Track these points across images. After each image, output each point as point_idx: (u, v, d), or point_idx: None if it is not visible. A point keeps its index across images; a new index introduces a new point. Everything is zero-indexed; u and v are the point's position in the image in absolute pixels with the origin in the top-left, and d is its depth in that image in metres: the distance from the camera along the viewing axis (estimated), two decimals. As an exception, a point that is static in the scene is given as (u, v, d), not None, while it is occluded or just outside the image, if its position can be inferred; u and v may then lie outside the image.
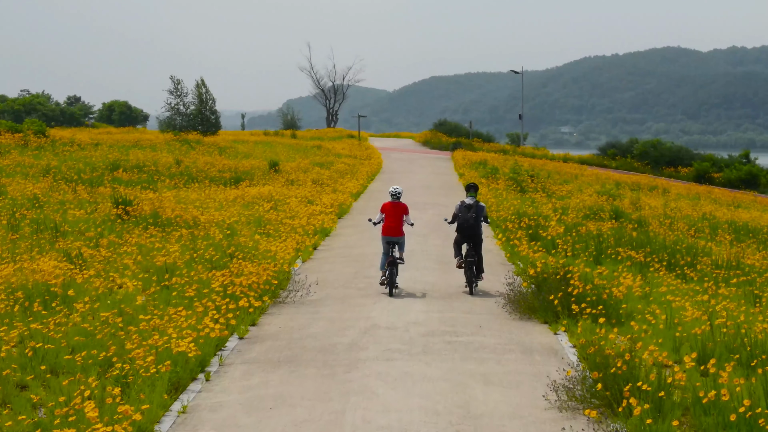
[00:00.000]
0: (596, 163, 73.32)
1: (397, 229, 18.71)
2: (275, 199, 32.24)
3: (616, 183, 52.92)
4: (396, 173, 52.82)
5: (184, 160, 45.53)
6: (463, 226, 18.88)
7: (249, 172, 43.77)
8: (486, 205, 32.24)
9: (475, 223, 18.83)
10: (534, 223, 27.32)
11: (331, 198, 32.92)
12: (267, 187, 36.88)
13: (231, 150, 56.40)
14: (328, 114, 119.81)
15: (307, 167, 49.32)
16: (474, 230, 18.84)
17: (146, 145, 52.57)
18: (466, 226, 18.83)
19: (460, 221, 18.93)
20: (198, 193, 34.06)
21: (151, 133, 61.60)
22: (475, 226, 18.84)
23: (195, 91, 72.57)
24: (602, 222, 31.40)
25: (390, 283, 17.96)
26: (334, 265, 21.97)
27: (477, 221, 18.85)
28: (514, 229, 25.79)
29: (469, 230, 18.83)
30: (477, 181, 42.51)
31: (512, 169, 46.88)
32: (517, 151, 76.48)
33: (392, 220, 18.73)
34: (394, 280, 18.07)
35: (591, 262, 22.09)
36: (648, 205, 39.79)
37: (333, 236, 27.07)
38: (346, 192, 37.49)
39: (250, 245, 22.27)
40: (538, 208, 33.59)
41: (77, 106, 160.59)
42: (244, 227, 25.98)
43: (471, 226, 18.81)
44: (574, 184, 50.74)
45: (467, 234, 18.89)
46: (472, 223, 18.80)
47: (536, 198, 37.92)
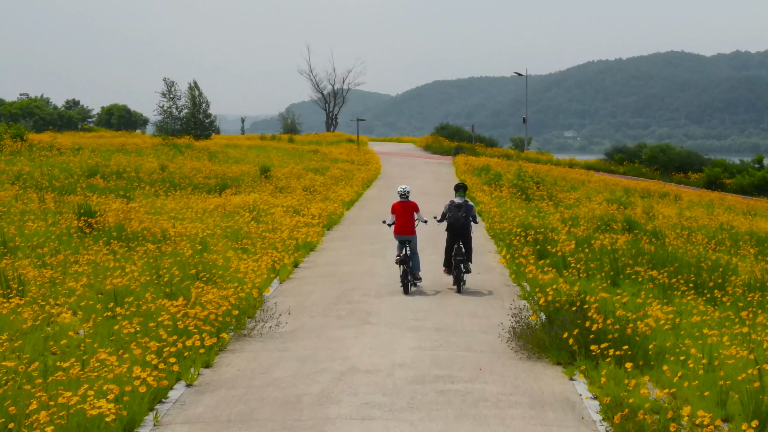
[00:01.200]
0: (603, 169, 70.57)
1: (408, 227, 18.89)
2: (259, 209, 29.53)
3: (626, 190, 50.21)
4: (394, 179, 50.07)
5: (170, 165, 42.84)
6: (454, 225, 19.05)
7: (237, 178, 41.06)
8: (489, 215, 29.59)
9: (465, 222, 19.06)
10: (541, 236, 24.63)
11: (320, 207, 30.17)
12: (253, 195, 34.18)
13: (222, 155, 53.70)
14: (328, 118, 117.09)
15: (300, 173, 46.63)
16: (464, 229, 19.07)
17: (132, 150, 49.86)
18: (457, 225, 19.01)
19: (451, 220, 19.11)
20: (177, 202, 31.38)
21: (138, 137, 58.96)
22: (465, 225, 19.07)
23: (188, 93, 69.97)
24: (615, 234, 28.72)
25: (404, 282, 18.32)
26: (314, 286, 19.23)
27: (467, 220, 19.08)
28: (520, 245, 23.06)
29: (460, 229, 19.02)
30: (479, 189, 39.84)
31: (516, 175, 44.15)
32: (520, 156, 73.70)
33: (403, 219, 18.92)
34: (408, 279, 18.41)
35: (608, 284, 19.37)
36: (661, 214, 37.08)
37: (318, 251, 24.33)
38: (338, 200, 34.77)
39: (220, 263, 19.58)
40: (545, 218, 30.90)
41: (76, 110, 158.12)
42: (219, 241, 23.28)
43: (461, 225, 19.02)
44: (581, 190, 48.01)
45: (457, 233, 19.07)
46: (463, 222, 19.02)
47: (542, 207, 35.20)
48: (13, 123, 61.54)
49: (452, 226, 19.12)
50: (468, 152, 72.94)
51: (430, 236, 26.77)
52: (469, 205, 19.28)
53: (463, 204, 19.15)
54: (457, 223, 19.02)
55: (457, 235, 19.09)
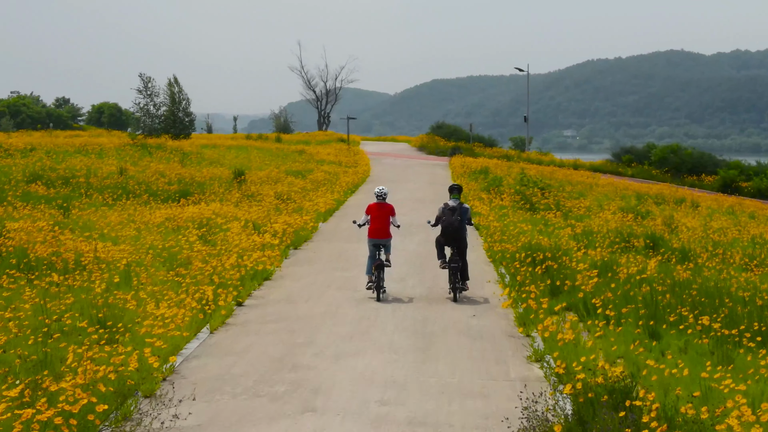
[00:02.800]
0: (610, 171, 65.56)
1: (383, 231, 17.96)
2: (212, 224, 24.59)
3: (638, 195, 45.28)
4: (383, 183, 45.06)
5: (130, 169, 37.87)
6: (448, 229, 17.85)
7: (203, 184, 36.12)
8: (489, 231, 24.78)
9: (460, 226, 17.85)
10: (553, 262, 19.73)
11: (286, 222, 25.13)
12: (214, 204, 29.23)
13: (196, 156, 48.68)
14: (320, 117, 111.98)
15: (278, 177, 41.67)
16: (458, 233, 17.87)
17: (93, 151, 44.80)
18: (451, 229, 17.82)
19: (444, 224, 17.92)
20: (121, 214, 26.44)
21: (106, 137, 53.94)
22: (459, 229, 17.85)
23: (167, 90, 64.92)
24: (638, 254, 23.82)
25: (377, 287, 17.17)
26: (254, 338, 14.23)
27: (461, 224, 17.88)
28: (527, 274, 18.10)
29: (454, 233, 17.83)
30: (477, 196, 34.91)
31: (519, 179, 39.15)
32: (521, 157, 68.70)
33: (378, 221, 17.99)
34: (381, 284, 17.24)
35: (646, 335, 14.42)
36: (684, 226, 32.16)
37: (275, 281, 19.30)
38: (313, 211, 29.77)
39: (129, 310, 14.64)
40: (554, 234, 25.95)
41: (66, 108, 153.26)
42: (151, 267, 18.37)
43: (456, 230, 17.82)
44: (590, 196, 43.09)
45: (452, 237, 17.89)
46: (457, 227, 17.81)
47: (549, 218, 30.26)
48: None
49: (446, 230, 17.86)
50: (465, 153, 67.96)
51: (415, 258, 21.86)
52: (464, 208, 17.97)
53: (458, 207, 17.87)
54: (451, 227, 17.76)
55: (452, 240, 17.86)
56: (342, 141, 77.79)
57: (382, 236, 17.96)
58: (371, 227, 18.04)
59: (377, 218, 18.04)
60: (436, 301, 17.18)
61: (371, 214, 18.17)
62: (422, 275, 19.75)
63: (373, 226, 18.03)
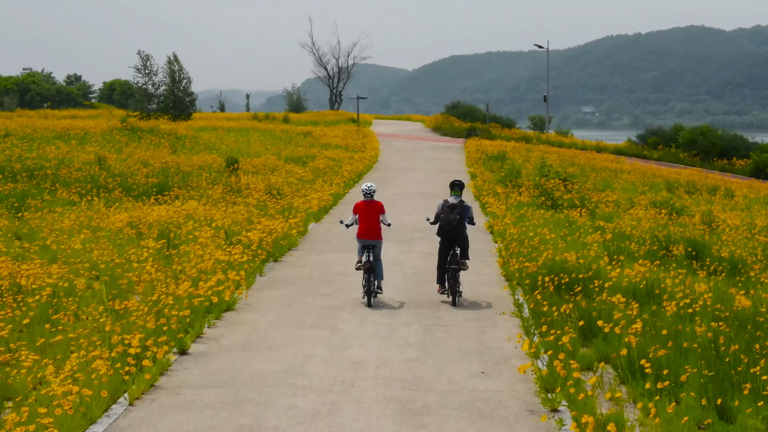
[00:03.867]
0: (635, 154, 61.28)
1: (373, 231, 16.58)
2: (181, 229, 20.81)
3: (667, 183, 41.20)
4: (390, 171, 41.18)
5: (110, 158, 34.10)
6: (446, 228, 16.60)
7: (190, 174, 32.35)
8: (504, 239, 21.00)
9: (459, 226, 16.56)
10: (581, 286, 15.88)
11: (266, 227, 21.23)
12: (191, 203, 25.43)
13: (191, 140, 44.88)
14: (332, 95, 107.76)
15: (275, 164, 37.84)
16: (458, 233, 16.58)
17: (76, 136, 40.99)
18: (449, 228, 16.56)
19: (443, 223, 16.66)
20: (79, 216, 22.69)
21: (92, 120, 50.09)
22: (458, 229, 16.56)
23: (166, 68, 61.08)
24: (679, 266, 19.92)
25: (368, 292, 15.91)
26: (183, 417, 10.40)
27: (461, 223, 16.60)
28: (550, 311, 14.21)
29: (453, 233, 16.56)
30: (492, 190, 30.98)
31: (539, 169, 35.10)
32: (541, 139, 64.55)
33: (368, 221, 16.62)
34: (372, 289, 15.97)
35: (713, 419, 10.54)
36: (726, 224, 28.15)
37: (238, 312, 15.41)
38: (304, 210, 25.92)
39: (22, 375, 10.90)
40: (580, 240, 22.03)
41: (77, 85, 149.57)
42: (78, 300, 14.64)
43: (454, 229, 16.54)
44: (616, 184, 39.10)
45: (450, 237, 16.60)
46: (456, 226, 16.53)
47: (574, 218, 26.31)
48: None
49: (444, 229, 16.60)
50: (482, 134, 63.92)
51: (411, 279, 18.02)
52: (465, 206, 16.73)
53: (458, 205, 16.63)
54: (449, 226, 16.49)
55: (451, 240, 16.56)
56: (353, 121, 73.78)
57: (372, 237, 16.50)
58: (360, 228, 16.60)
59: (366, 218, 16.60)
60: (434, 353, 13.33)
61: (359, 213, 16.71)
62: (421, 309, 15.84)
63: (362, 227, 16.58)
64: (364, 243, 16.52)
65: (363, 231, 16.56)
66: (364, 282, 16.00)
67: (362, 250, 16.53)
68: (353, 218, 16.83)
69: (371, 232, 16.52)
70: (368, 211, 16.66)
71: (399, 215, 26.97)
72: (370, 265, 16.01)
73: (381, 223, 16.74)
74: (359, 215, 16.72)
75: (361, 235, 16.57)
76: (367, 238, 16.49)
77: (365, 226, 16.57)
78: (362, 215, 16.68)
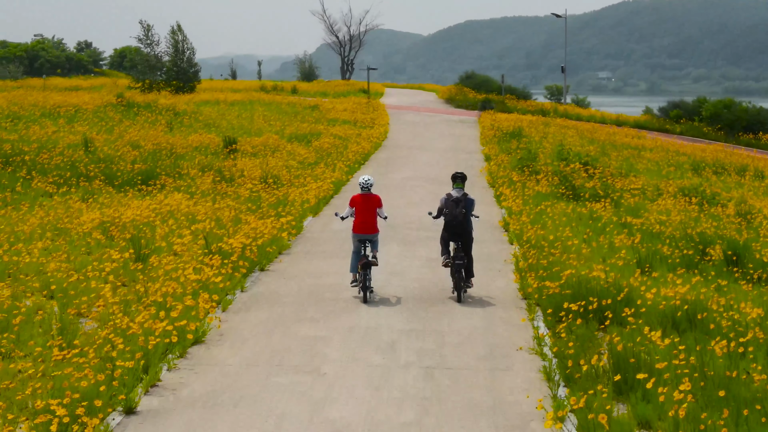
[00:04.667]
0: (656, 128, 58.37)
1: (370, 225, 15.86)
2: (155, 232, 18.37)
3: (693, 163, 38.53)
4: (399, 150, 38.58)
5: (98, 139, 31.63)
6: (451, 223, 15.87)
7: (183, 157, 29.94)
8: (521, 240, 18.57)
9: (464, 220, 15.85)
10: (611, 312, 13.43)
11: (253, 231, 18.71)
12: (175, 197, 22.96)
13: (190, 117, 42.33)
14: (343, 64, 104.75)
15: (277, 144, 35.29)
16: (462, 228, 15.85)
17: (66, 114, 38.43)
18: (455, 223, 15.83)
19: (448, 218, 15.93)
20: (49, 213, 20.28)
21: (84, 95, 47.54)
22: (463, 223, 15.85)
23: (169, 38, 58.40)
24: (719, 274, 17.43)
25: (364, 287, 15.27)
26: None
27: (466, 217, 15.89)
28: (576, 350, 11.73)
29: (458, 228, 15.84)
30: (508, 177, 28.43)
31: (558, 153, 32.40)
32: (558, 112, 61.69)
33: (364, 215, 15.88)
34: (368, 285, 15.33)
35: None
36: (762, 215, 25.56)
37: (207, 346, 12.93)
38: (300, 203, 23.40)
39: None
40: (606, 243, 19.49)
41: (87, 52, 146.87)
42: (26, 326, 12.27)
43: (459, 224, 15.82)
44: (639, 164, 36.51)
45: (455, 232, 15.87)
46: (461, 220, 15.81)
47: (597, 210, 23.73)
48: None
49: (449, 224, 16.01)
50: (497, 107, 61.11)
51: (414, 296, 15.51)
52: (469, 200, 16.20)
53: (462, 198, 16.06)
54: (455, 221, 15.92)
55: (456, 235, 15.97)
56: (363, 92, 70.99)
57: (368, 231, 15.93)
58: (356, 221, 16.00)
59: (363, 211, 15.98)
60: (436, 411, 10.88)
61: (356, 206, 16.06)
62: (423, 341, 13.34)
63: (358, 220, 15.98)
64: (360, 237, 15.95)
65: (359, 224, 15.95)
66: (360, 278, 15.37)
67: (357, 246, 15.95)
68: (350, 211, 16.13)
69: (368, 226, 15.93)
70: (365, 204, 16.00)
71: (404, 207, 24.47)
72: (366, 260, 15.46)
73: (378, 216, 16.11)
74: (356, 208, 16.05)
75: (357, 229, 15.97)
76: (363, 232, 15.91)
77: (361, 220, 15.95)
78: (359, 208, 16.02)
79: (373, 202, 16.07)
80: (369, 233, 15.91)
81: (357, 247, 16.00)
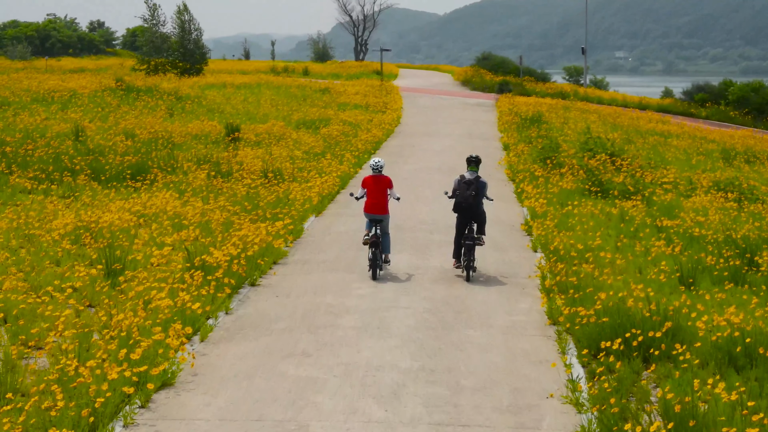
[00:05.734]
0: (681, 112, 55.81)
1: (380, 206, 16.23)
2: (135, 239, 16.21)
3: (723, 151, 36.13)
4: (412, 137, 36.30)
5: (91, 128, 29.51)
6: (462, 205, 16.08)
7: (181, 146, 27.83)
8: (547, 249, 16.35)
9: (475, 202, 16.05)
10: (657, 349, 11.24)
11: (245, 239, 16.48)
12: (162, 195, 20.80)
13: (193, 102, 40.11)
14: (357, 44, 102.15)
15: (283, 132, 33.08)
16: (474, 209, 16.08)
17: (59, 99, 36.25)
18: (465, 205, 16.04)
19: (459, 199, 16.11)
20: (19, 214, 18.14)
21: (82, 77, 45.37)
22: (474, 205, 16.06)
23: (175, 18, 56.16)
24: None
25: (373, 265, 15.73)
26: None
27: (477, 199, 16.07)
28: (616, 396, 9.52)
29: (469, 210, 16.05)
30: (529, 169, 26.17)
31: (583, 143, 30.02)
32: (578, 95, 59.23)
33: (375, 196, 16.29)
34: (378, 263, 15.79)
35: None
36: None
37: (175, 392, 10.71)
38: (302, 202, 21.18)
39: None
40: (640, 251, 17.24)
41: (99, 32, 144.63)
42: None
43: (470, 206, 16.02)
44: (667, 152, 34.19)
45: (466, 214, 16.10)
46: (471, 202, 16.00)
47: (627, 209, 21.42)
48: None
49: (460, 205, 16.03)
50: (515, 89, 58.70)
51: (425, 324, 13.28)
52: (481, 182, 16.15)
53: (474, 180, 16.05)
54: (466, 203, 15.93)
55: (467, 217, 16.04)
56: (377, 74, 68.57)
57: (378, 212, 16.23)
58: (367, 202, 16.37)
59: (373, 192, 16.34)
60: None
61: (367, 188, 16.45)
62: (432, 386, 11.11)
63: (369, 201, 16.34)
64: (371, 217, 16.27)
65: (370, 205, 16.29)
66: (371, 255, 15.72)
67: (369, 224, 16.24)
68: (362, 192, 16.54)
69: (378, 207, 16.22)
70: (376, 185, 16.32)
71: (415, 203, 22.31)
72: (376, 239, 15.79)
73: (389, 197, 16.40)
74: (367, 189, 16.41)
75: (368, 209, 16.31)
76: (374, 212, 16.22)
77: (372, 201, 16.28)
78: (370, 189, 16.36)
79: (383, 184, 16.32)
80: (379, 214, 16.15)
81: (369, 226, 16.22)
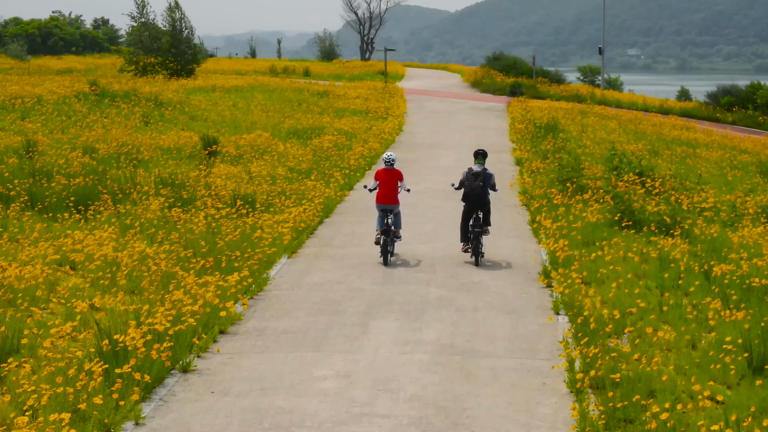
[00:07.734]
0: (705, 116, 51.65)
1: (391, 196, 17.37)
2: (36, 308, 12.43)
3: (759, 164, 32.16)
4: (415, 149, 32.41)
5: (44, 142, 25.77)
6: (470, 195, 17.17)
7: (147, 164, 24.06)
8: (573, 315, 12.35)
9: (482, 192, 17.12)
10: None
11: (178, 308, 12.64)
12: (101, 231, 16.99)
13: (176, 108, 36.31)
14: (363, 43, 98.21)
15: (268, 144, 29.30)
16: (480, 199, 17.15)
17: (19, 108, 32.40)
18: (473, 195, 17.12)
19: (467, 190, 17.21)
20: None
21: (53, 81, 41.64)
22: (481, 195, 17.12)
23: (166, 16, 52.43)
24: None
25: (384, 251, 16.84)
26: None
27: (484, 190, 17.14)
28: None
29: (476, 199, 17.12)
30: (545, 194, 22.27)
31: (608, 162, 26.00)
32: (596, 98, 55.24)
33: (386, 187, 17.40)
34: (389, 249, 16.94)
35: None
36: None
37: None
38: (267, 244, 17.29)
39: None
40: (692, 307, 13.35)
41: (103, 29, 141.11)
42: None
43: (478, 196, 17.09)
44: (699, 165, 30.30)
45: (474, 203, 17.16)
46: (479, 192, 17.08)
47: (668, 250, 17.46)
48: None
49: (468, 195, 17.18)
50: (527, 92, 54.78)
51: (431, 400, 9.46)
52: (488, 174, 17.22)
53: (482, 172, 17.15)
54: (473, 193, 17.07)
55: (474, 205, 17.14)
56: (382, 74, 64.67)
57: (389, 202, 17.30)
58: (379, 192, 17.38)
59: (385, 184, 17.36)
60: None
61: (380, 180, 17.44)
62: None
63: (381, 192, 17.36)
64: (382, 207, 17.25)
65: (381, 195, 17.29)
66: (382, 242, 16.70)
67: (381, 215, 17.18)
68: (375, 184, 17.50)
69: (389, 197, 17.27)
70: (388, 177, 17.33)
71: (415, 237, 18.42)
72: (387, 227, 16.86)
73: (400, 188, 17.41)
74: (380, 181, 17.37)
75: (379, 200, 17.32)
76: (385, 203, 17.23)
77: (383, 192, 17.28)
78: (382, 181, 17.34)
79: (394, 176, 17.43)
80: (390, 204, 17.24)
81: (381, 216, 17.20)
